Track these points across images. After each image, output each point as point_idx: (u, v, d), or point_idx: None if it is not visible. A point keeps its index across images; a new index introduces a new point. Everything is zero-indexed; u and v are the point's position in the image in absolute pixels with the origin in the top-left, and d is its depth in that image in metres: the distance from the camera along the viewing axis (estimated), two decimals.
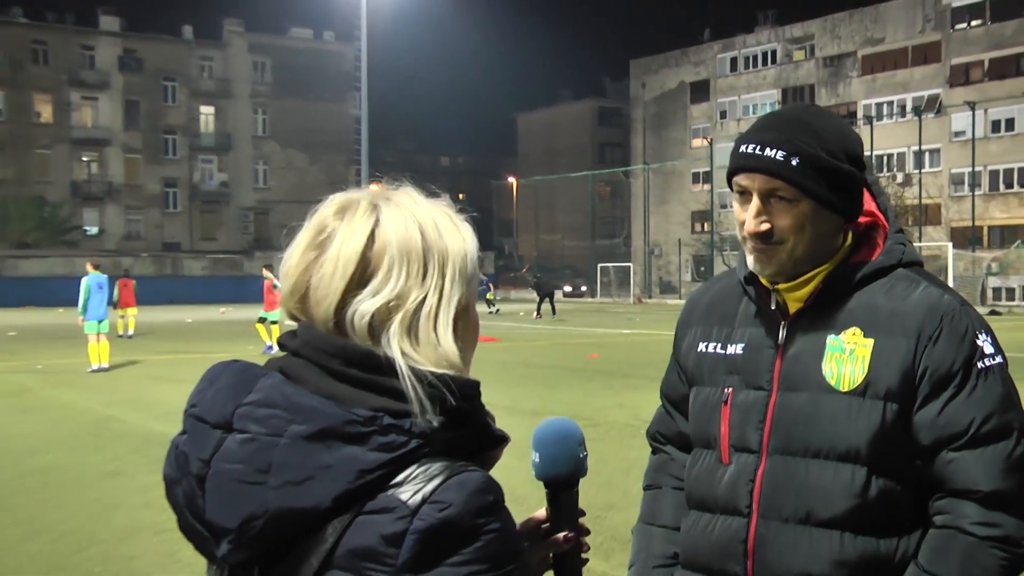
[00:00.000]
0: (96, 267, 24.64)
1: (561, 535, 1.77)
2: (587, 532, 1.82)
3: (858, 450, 2.22)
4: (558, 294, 60.61)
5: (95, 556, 7.80)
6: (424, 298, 1.51)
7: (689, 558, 2.46)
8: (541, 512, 1.80)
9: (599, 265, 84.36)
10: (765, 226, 2.25)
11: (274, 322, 26.88)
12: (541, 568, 1.55)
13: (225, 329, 40.24)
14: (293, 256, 1.57)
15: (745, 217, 2.28)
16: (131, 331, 33.81)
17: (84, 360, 23.08)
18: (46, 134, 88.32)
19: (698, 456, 2.50)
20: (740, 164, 2.28)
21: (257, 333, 28.13)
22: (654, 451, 2.77)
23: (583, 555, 1.81)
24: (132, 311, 33.94)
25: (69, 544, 8.17)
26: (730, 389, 2.40)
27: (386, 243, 1.52)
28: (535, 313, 48.04)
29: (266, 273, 27.92)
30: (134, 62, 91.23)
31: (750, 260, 2.33)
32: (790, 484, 2.28)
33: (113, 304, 24.95)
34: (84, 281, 23.65)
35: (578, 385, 19.19)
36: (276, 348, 1.62)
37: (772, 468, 2.31)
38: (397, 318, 1.50)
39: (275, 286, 26.25)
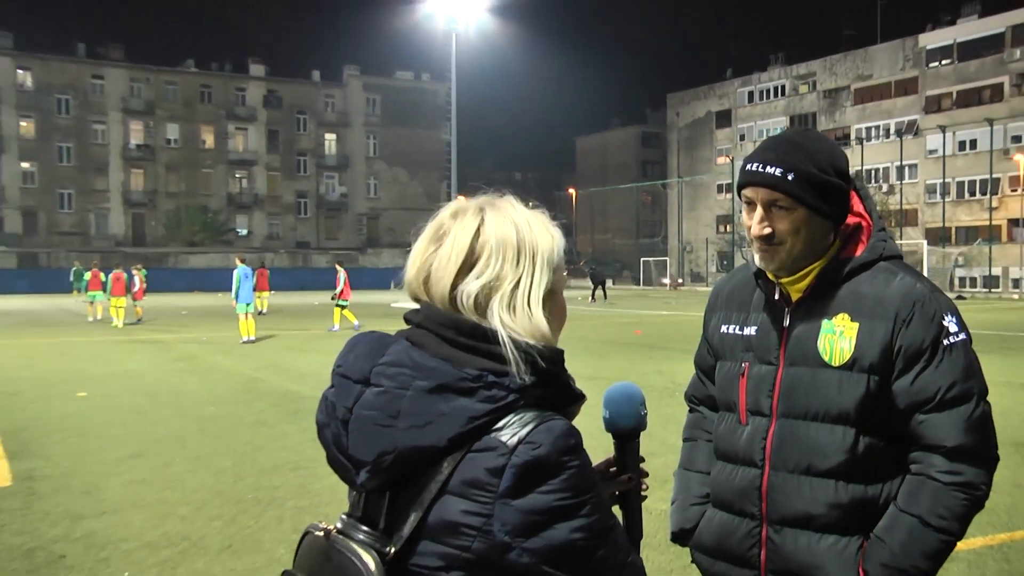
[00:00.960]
0: (243, 260, 24.91)
1: (625, 476, 1.82)
2: (646, 475, 1.86)
3: (848, 414, 2.22)
4: (610, 281, 60.17)
5: (247, 486, 7.89)
6: (519, 280, 1.53)
7: (717, 499, 2.47)
8: (609, 458, 1.84)
9: (642, 259, 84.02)
10: (767, 230, 2.24)
11: (344, 306, 26.56)
12: (608, 503, 1.56)
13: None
14: (418, 248, 1.61)
15: (751, 223, 2.28)
16: (264, 309, 33.46)
17: (236, 334, 23.33)
18: (209, 157, 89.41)
19: (723, 417, 2.50)
20: (747, 179, 2.27)
21: (333, 315, 27.51)
22: (691, 410, 2.76)
23: (643, 493, 1.85)
24: (266, 294, 33.67)
25: (227, 476, 8.28)
26: (746, 364, 2.39)
27: (488, 237, 1.54)
28: (590, 298, 47.76)
29: (339, 267, 27.65)
30: (275, 100, 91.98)
31: (757, 258, 2.33)
32: (794, 442, 2.28)
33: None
34: (235, 272, 23.96)
35: (625, 355, 19.02)
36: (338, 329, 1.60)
37: (780, 429, 2.31)
38: (497, 296, 1.52)
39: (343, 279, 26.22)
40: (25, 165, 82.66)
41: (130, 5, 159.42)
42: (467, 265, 1.54)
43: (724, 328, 2.49)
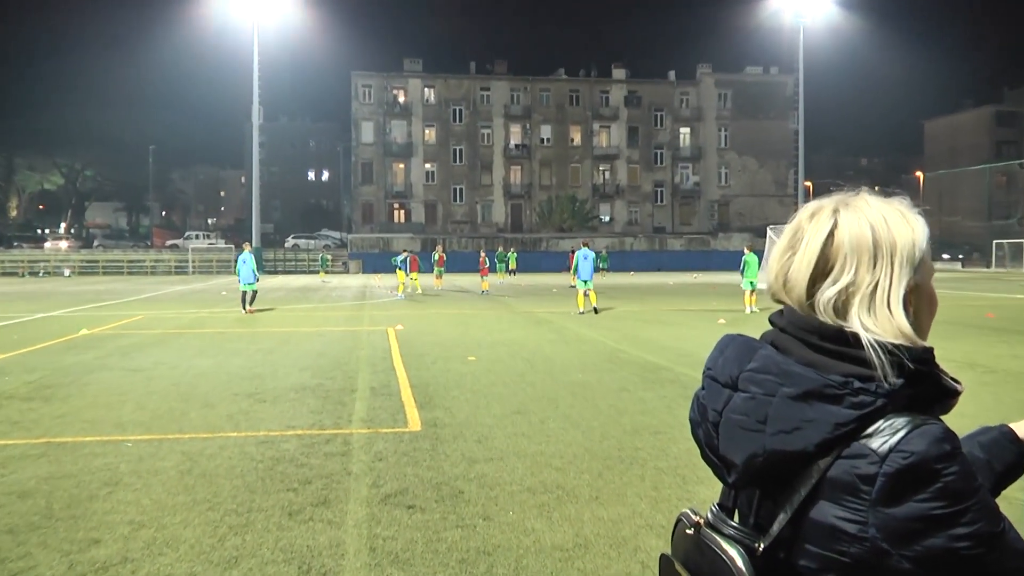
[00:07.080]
0: (586, 244, 25.61)
1: None
2: None
3: None
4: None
5: (612, 445, 8.03)
6: (876, 282, 1.42)
7: None
8: None
9: (994, 241, 76.13)
10: None
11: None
12: (995, 506, 1.37)
13: (696, 290, 40.24)
14: (776, 252, 1.53)
15: None
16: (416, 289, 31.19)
17: (604, 310, 23.69)
18: (577, 153, 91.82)
19: None
20: None
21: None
22: None
23: None
24: (415, 275, 34.54)
25: (595, 435, 8.47)
26: None
27: (841, 241, 1.44)
28: None
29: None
30: (635, 99, 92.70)
31: None
32: None
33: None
34: (576, 254, 24.59)
35: (975, 338, 17.42)
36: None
37: None
38: (856, 300, 1.42)
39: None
40: (428, 166, 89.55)
41: (511, 25, 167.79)
42: (821, 271, 1.45)
43: None
